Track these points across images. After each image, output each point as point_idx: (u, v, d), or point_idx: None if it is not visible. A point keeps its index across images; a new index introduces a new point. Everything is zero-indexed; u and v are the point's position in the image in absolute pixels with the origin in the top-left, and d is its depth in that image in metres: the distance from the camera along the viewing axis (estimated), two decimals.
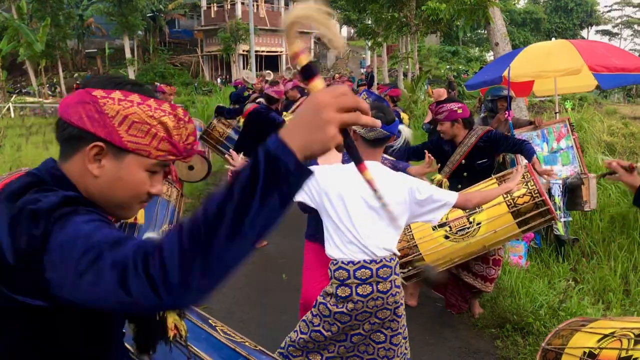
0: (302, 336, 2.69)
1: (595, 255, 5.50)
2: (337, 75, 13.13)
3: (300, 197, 2.59)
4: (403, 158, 4.22)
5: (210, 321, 1.95)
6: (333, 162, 2.90)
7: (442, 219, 2.82)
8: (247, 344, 1.90)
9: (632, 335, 2.13)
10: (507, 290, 4.46)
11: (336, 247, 2.55)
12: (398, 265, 2.64)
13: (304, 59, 0.91)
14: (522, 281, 4.54)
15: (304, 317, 2.78)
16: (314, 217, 3.10)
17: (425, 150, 3.77)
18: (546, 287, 4.54)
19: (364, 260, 2.51)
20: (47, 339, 1.07)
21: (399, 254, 2.67)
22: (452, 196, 2.65)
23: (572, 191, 5.39)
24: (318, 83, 0.91)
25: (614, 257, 5.30)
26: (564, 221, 5.46)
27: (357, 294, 2.52)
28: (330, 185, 2.54)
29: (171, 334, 1.50)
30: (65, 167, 1.14)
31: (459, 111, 4.17)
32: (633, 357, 2.01)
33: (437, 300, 4.64)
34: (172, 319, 1.50)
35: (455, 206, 2.67)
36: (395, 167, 3.33)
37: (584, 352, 2.24)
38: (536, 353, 3.62)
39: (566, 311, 4.04)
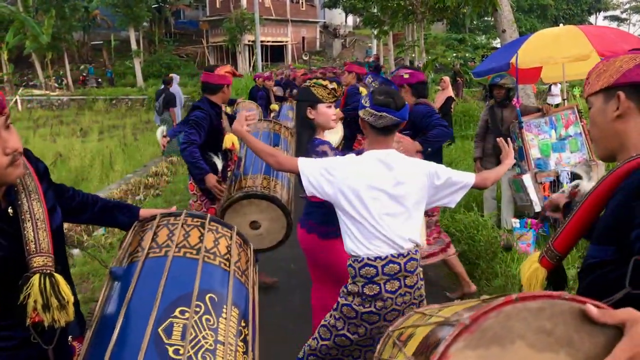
0: (325, 342, 2.52)
1: None
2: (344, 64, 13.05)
3: (309, 191, 2.48)
4: None
5: None
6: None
7: None
8: None
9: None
10: (516, 278, 4.45)
11: (359, 243, 2.41)
12: (415, 261, 2.48)
13: None
14: None
15: (323, 322, 2.59)
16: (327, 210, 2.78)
17: None
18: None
19: (392, 255, 2.37)
20: None
21: (421, 244, 2.53)
22: (470, 177, 2.55)
23: (581, 178, 5.36)
24: None
25: None
26: None
27: (387, 290, 2.38)
28: (347, 178, 2.41)
29: None
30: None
31: (405, 76, 4.11)
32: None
33: (445, 289, 4.64)
34: None
35: (474, 187, 2.58)
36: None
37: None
38: None
39: None
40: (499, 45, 11.68)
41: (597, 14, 54.75)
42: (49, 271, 1.48)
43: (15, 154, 1.45)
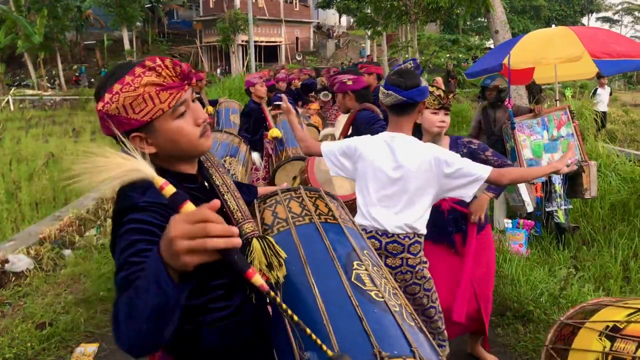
0: None
1: (596, 242, 5.49)
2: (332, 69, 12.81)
3: (334, 171, 2.66)
4: None
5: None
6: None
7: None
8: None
9: None
10: (508, 278, 4.46)
11: (360, 213, 2.58)
12: (419, 244, 2.51)
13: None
14: (522, 269, 4.53)
15: None
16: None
17: None
18: (547, 274, 4.54)
19: (376, 231, 2.50)
20: None
21: (421, 232, 2.52)
22: (485, 170, 2.45)
23: (573, 179, 5.39)
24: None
25: (614, 245, 5.30)
26: (565, 209, 5.45)
27: None
28: (360, 154, 2.58)
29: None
30: None
31: (349, 83, 4.12)
32: None
33: None
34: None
35: (488, 181, 2.48)
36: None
37: (607, 326, 1.88)
38: (537, 340, 3.63)
39: (567, 298, 4.04)
40: (492, 46, 11.72)
41: (590, 15, 55.04)
42: (260, 235, 1.55)
43: (205, 125, 1.50)
